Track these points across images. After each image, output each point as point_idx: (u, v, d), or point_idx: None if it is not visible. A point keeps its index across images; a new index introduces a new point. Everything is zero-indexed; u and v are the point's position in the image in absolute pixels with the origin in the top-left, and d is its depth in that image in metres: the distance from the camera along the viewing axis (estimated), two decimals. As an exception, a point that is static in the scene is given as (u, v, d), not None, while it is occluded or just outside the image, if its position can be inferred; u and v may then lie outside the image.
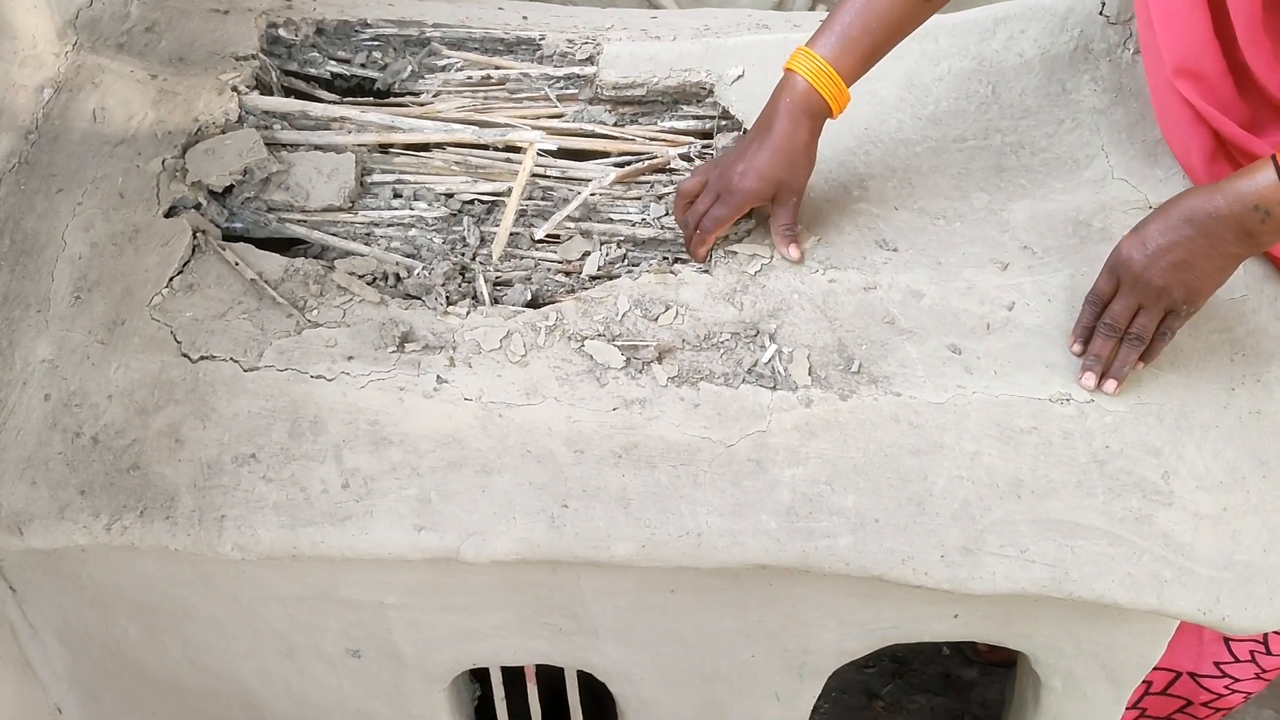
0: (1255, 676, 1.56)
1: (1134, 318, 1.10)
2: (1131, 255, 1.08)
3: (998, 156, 1.30)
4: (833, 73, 1.17)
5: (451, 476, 1.11)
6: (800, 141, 1.18)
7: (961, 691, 1.89)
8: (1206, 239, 1.03)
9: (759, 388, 1.15)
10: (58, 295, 1.19)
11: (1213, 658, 1.54)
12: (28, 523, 1.10)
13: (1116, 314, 1.11)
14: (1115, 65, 1.31)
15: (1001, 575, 1.10)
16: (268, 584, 1.19)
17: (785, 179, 1.20)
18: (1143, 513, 1.11)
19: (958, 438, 1.13)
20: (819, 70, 1.17)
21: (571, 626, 1.25)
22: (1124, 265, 1.09)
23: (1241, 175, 1.01)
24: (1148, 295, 1.08)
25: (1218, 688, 1.58)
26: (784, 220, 1.23)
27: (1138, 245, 1.08)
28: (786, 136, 1.18)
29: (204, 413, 1.13)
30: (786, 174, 1.19)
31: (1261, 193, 0.99)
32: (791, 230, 1.23)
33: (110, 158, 1.28)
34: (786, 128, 1.18)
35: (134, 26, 1.42)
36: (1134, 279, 1.09)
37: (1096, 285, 1.13)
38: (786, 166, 1.19)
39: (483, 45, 1.58)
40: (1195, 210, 1.03)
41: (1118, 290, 1.11)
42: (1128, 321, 1.10)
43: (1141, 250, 1.08)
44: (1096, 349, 1.12)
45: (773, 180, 1.19)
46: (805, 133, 1.19)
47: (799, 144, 1.19)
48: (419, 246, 1.30)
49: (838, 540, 1.10)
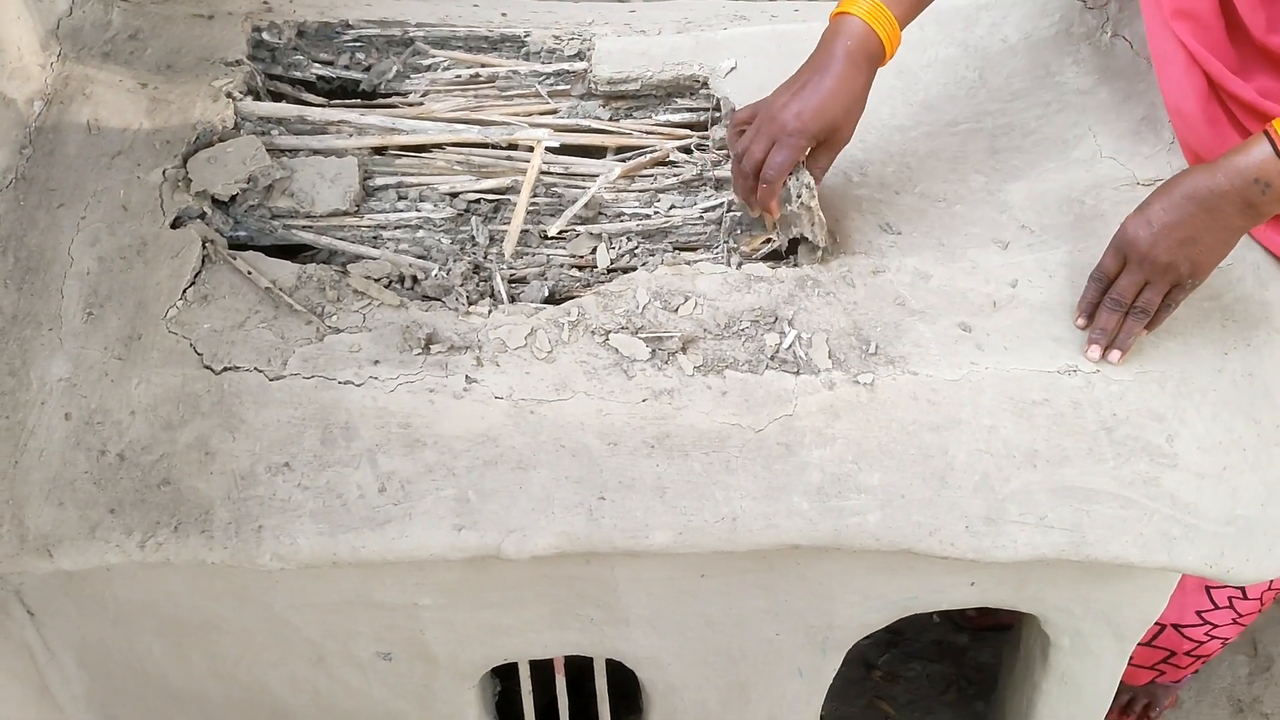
0: (1232, 622, 1.64)
1: (1140, 292, 1.15)
2: (1138, 234, 1.13)
3: (990, 139, 1.35)
4: (889, 13, 1.16)
5: (488, 475, 1.12)
6: (859, 86, 1.16)
7: (955, 657, 1.95)
8: (1209, 215, 1.08)
9: (783, 373, 1.17)
10: (69, 312, 1.17)
11: (1194, 607, 1.61)
12: (57, 544, 1.08)
13: (1123, 289, 1.15)
14: (1096, 48, 1.36)
15: (1023, 542, 1.15)
16: (301, 592, 1.19)
17: (840, 124, 1.17)
18: (1150, 475, 1.16)
19: (974, 412, 1.17)
20: (875, 10, 1.15)
21: (603, 616, 1.26)
22: (1130, 243, 1.14)
23: (1239, 151, 1.06)
24: (1154, 271, 1.13)
25: (1199, 635, 1.66)
26: (823, 165, 1.21)
27: (1143, 224, 1.13)
28: (845, 80, 1.15)
29: (232, 424, 1.12)
30: (842, 119, 1.16)
31: (1261, 166, 1.04)
32: (823, 174, 1.22)
33: (109, 170, 1.26)
34: (845, 71, 1.15)
35: (117, 35, 1.39)
36: (1141, 256, 1.13)
37: (1103, 263, 1.18)
38: (844, 111, 1.16)
39: (467, 43, 1.58)
40: (1198, 188, 1.08)
41: (1124, 267, 1.15)
42: (1134, 296, 1.15)
43: (1147, 229, 1.12)
44: (1103, 323, 1.17)
45: (829, 124, 1.16)
46: (864, 77, 1.17)
47: (857, 88, 1.16)
48: (429, 248, 1.30)
49: (867, 517, 1.13)
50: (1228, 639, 1.68)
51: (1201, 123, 1.24)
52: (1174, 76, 1.25)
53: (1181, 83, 1.24)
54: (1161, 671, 1.76)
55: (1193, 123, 1.25)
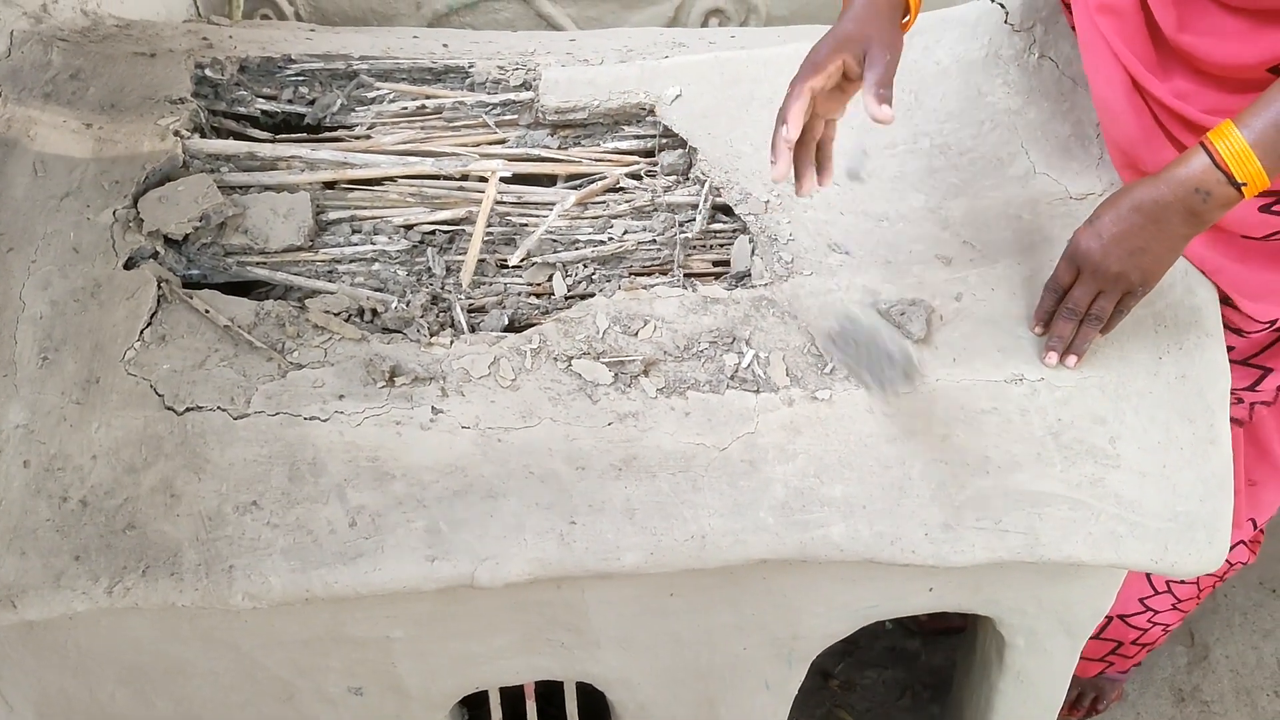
0: (1172, 608, 1.70)
1: (1094, 300, 1.20)
2: (1090, 246, 1.18)
3: (927, 158, 1.40)
4: None
5: (458, 504, 1.13)
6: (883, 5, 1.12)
7: (908, 662, 2.00)
8: (1156, 225, 1.13)
9: (743, 392, 1.20)
10: (23, 358, 1.15)
11: (1137, 595, 1.68)
12: (21, 595, 1.06)
13: (1078, 299, 1.20)
14: (1023, 69, 1.42)
15: (980, 546, 1.19)
16: (271, 631, 1.18)
17: (873, 34, 1.10)
18: (1096, 476, 1.22)
19: (928, 423, 1.21)
20: None
21: (573, 640, 1.28)
22: (1083, 255, 1.19)
23: (1179, 164, 1.12)
24: (1106, 280, 1.18)
25: (1142, 623, 1.72)
26: (875, 77, 1.08)
27: (1093, 236, 1.18)
28: (866, 5, 1.12)
29: (197, 465, 1.11)
30: (874, 29, 1.10)
31: (1200, 176, 1.09)
32: (884, 90, 1.08)
33: (57, 212, 1.24)
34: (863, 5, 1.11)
35: (58, 75, 1.37)
36: (1094, 267, 1.18)
37: (1057, 274, 1.22)
38: (874, 20, 1.11)
39: (411, 75, 1.58)
40: (1143, 200, 1.13)
41: (1077, 277, 1.20)
42: (1088, 305, 1.20)
43: (1098, 240, 1.17)
44: (1059, 330, 1.22)
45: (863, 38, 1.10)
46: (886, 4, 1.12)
47: (881, 6, 1.12)
48: (385, 280, 1.31)
49: (831, 529, 1.17)
50: (1169, 625, 1.74)
51: (1127, 114, 1.29)
52: (1099, 68, 1.30)
53: (1108, 75, 1.29)
54: (1110, 663, 1.82)
55: (1116, 115, 1.30)
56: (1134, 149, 1.31)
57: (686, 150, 1.44)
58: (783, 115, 1.10)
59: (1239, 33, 1.18)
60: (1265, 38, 1.16)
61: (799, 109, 1.09)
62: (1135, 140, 1.30)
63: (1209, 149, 1.08)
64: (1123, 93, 1.29)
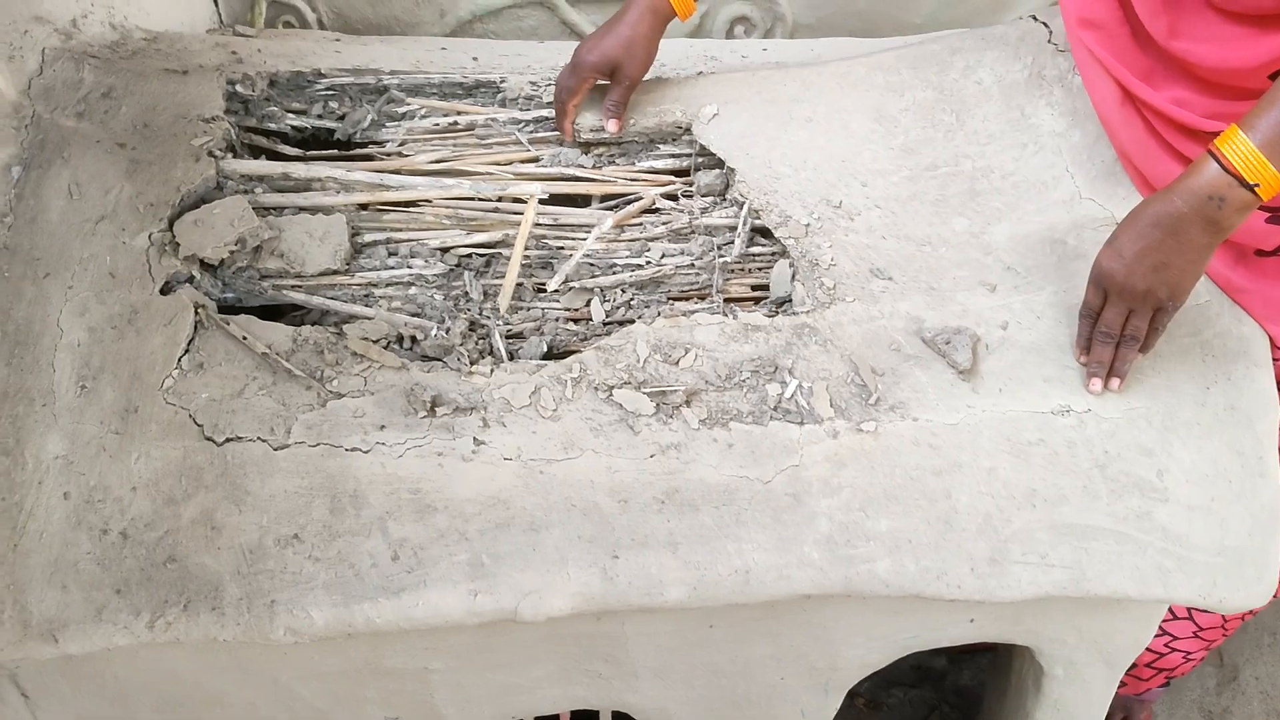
0: (1193, 635, 1.69)
1: (1126, 321, 1.19)
2: (1112, 267, 1.17)
3: (970, 181, 1.38)
4: None
5: (501, 537, 1.11)
6: (641, 32, 1.38)
7: (934, 681, 1.98)
8: (1175, 238, 1.12)
9: (787, 423, 1.19)
10: (61, 386, 1.14)
11: None
12: (62, 629, 1.05)
13: (1110, 321, 1.19)
14: (1067, 90, 1.40)
15: (1026, 581, 1.17)
16: (309, 662, 1.17)
17: (623, 61, 1.39)
18: (1143, 510, 1.20)
19: (974, 455, 1.19)
20: None
21: (611, 670, 1.26)
22: (1106, 277, 1.18)
23: (1190, 174, 1.10)
24: (1135, 299, 1.17)
25: (1159, 646, 1.70)
26: (614, 98, 1.42)
27: (1114, 257, 1.17)
28: (630, 26, 1.38)
29: (238, 497, 1.10)
30: (624, 57, 1.38)
31: (1212, 184, 1.08)
32: (617, 108, 1.42)
33: (93, 236, 1.23)
34: (632, 18, 1.38)
35: (90, 93, 1.36)
36: (1119, 288, 1.17)
37: (1086, 299, 1.22)
38: (625, 50, 1.38)
39: (441, 90, 1.57)
40: (1159, 214, 1.12)
41: (1106, 300, 1.19)
42: (1121, 326, 1.19)
43: (1119, 261, 1.16)
44: (1098, 356, 1.21)
45: (612, 60, 1.38)
46: (646, 26, 1.38)
47: (639, 34, 1.38)
48: (422, 305, 1.29)
49: (876, 564, 1.15)
50: (1190, 653, 1.72)
51: (1119, 125, 1.31)
52: (1092, 80, 1.32)
53: (1098, 86, 1.31)
54: (1124, 683, 1.80)
55: (1112, 125, 1.32)
56: (1130, 160, 1.32)
57: (724, 170, 1.42)
58: (560, 129, 1.46)
59: (1237, 38, 1.17)
60: (1265, 42, 1.15)
61: (569, 126, 1.45)
62: (1130, 151, 1.31)
63: (1217, 156, 1.08)
64: (1115, 105, 1.30)
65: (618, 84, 1.41)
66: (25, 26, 1.31)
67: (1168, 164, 1.29)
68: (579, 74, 1.39)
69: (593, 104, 1.46)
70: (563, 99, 1.41)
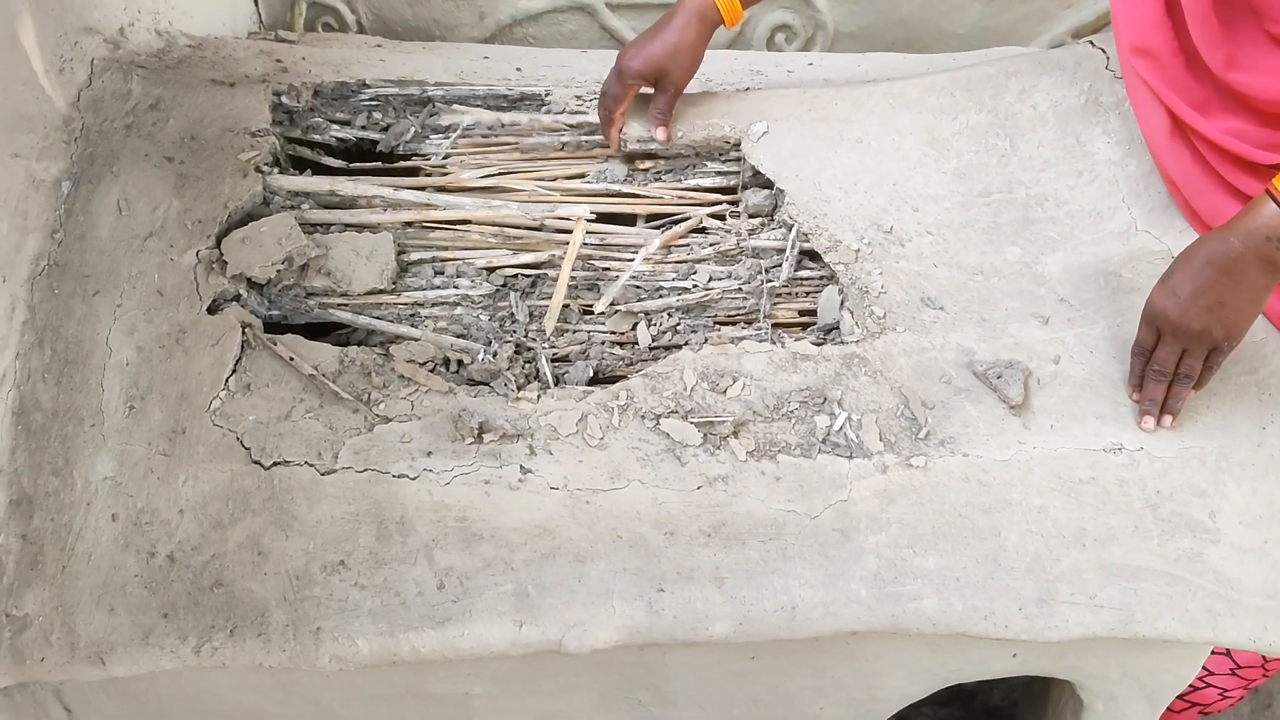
0: (1230, 672, 1.66)
1: (1180, 360, 1.17)
2: (1166, 306, 1.15)
3: (1024, 209, 1.36)
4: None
5: (546, 568, 1.11)
6: (687, 39, 1.35)
7: (965, 700, 1.97)
8: (1231, 278, 1.10)
9: (835, 456, 1.18)
10: (110, 406, 1.14)
11: None
12: (109, 652, 1.06)
13: (1164, 361, 1.18)
14: (1124, 118, 1.38)
15: (1074, 622, 1.16)
16: (352, 687, 1.17)
17: (668, 68, 1.36)
18: (1194, 551, 1.18)
19: (1024, 493, 1.18)
20: None
21: (651, 699, 1.26)
22: (1161, 317, 1.16)
23: (1247, 214, 1.09)
24: (1189, 339, 1.16)
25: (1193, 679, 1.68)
26: (659, 106, 1.40)
27: (1169, 296, 1.15)
28: (677, 32, 1.35)
29: (285, 522, 1.10)
30: (670, 63, 1.36)
31: (1271, 225, 1.07)
32: (664, 116, 1.41)
33: (141, 253, 1.23)
34: (679, 24, 1.35)
35: (138, 105, 1.35)
36: (1173, 328, 1.16)
37: (1139, 338, 1.20)
38: (670, 56, 1.35)
39: (486, 102, 1.56)
40: (1215, 254, 1.10)
41: (1159, 339, 1.17)
42: (1174, 365, 1.18)
43: (1174, 300, 1.14)
44: (1150, 394, 1.19)
45: (656, 66, 1.35)
46: (693, 33, 1.35)
47: (685, 40, 1.35)
48: (468, 325, 1.28)
49: (924, 602, 1.14)
50: (1227, 690, 1.70)
51: (1168, 157, 1.29)
52: (1143, 110, 1.31)
53: (1149, 116, 1.30)
54: None
55: (1161, 157, 1.30)
56: (1180, 192, 1.30)
57: (773, 191, 1.41)
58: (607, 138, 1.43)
59: None
60: None
61: (615, 135, 1.42)
62: (1179, 183, 1.29)
63: (1276, 196, 1.06)
64: (1164, 136, 1.28)
65: (663, 91, 1.39)
66: (75, 38, 1.30)
67: (1218, 197, 1.27)
68: (623, 81, 1.36)
69: (639, 113, 1.45)
70: (608, 107, 1.39)
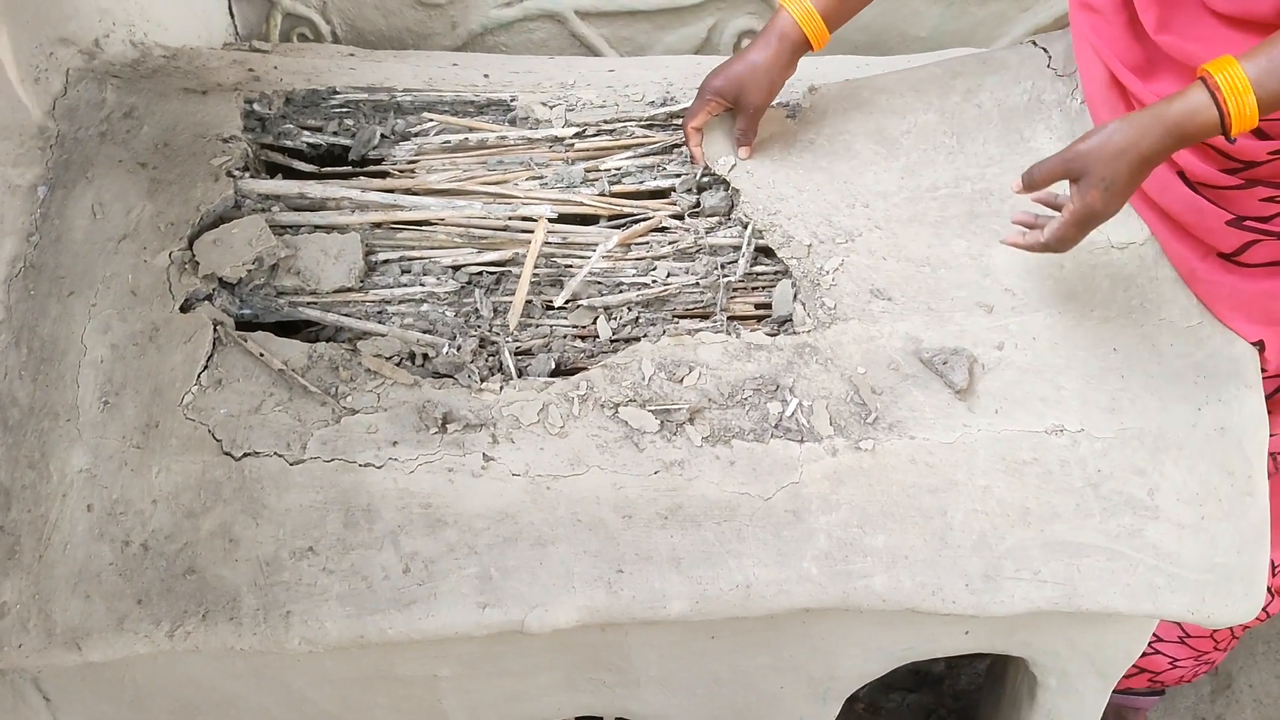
0: (1179, 640, 1.71)
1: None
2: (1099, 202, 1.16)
3: (970, 204, 1.41)
4: (815, 14, 1.36)
5: (509, 552, 1.15)
6: (767, 59, 1.37)
7: (933, 685, 2.02)
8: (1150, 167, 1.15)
9: (788, 441, 1.22)
10: (85, 402, 1.17)
11: None
12: (85, 637, 1.09)
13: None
14: (1066, 114, 1.43)
15: (1019, 597, 1.21)
16: (322, 670, 1.21)
17: (748, 88, 1.38)
18: (1134, 527, 1.23)
19: (969, 474, 1.23)
20: (804, 12, 1.36)
21: (615, 679, 1.30)
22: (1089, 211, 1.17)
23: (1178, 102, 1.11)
24: (1093, 221, 1.18)
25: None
26: (739, 126, 1.43)
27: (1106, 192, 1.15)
28: (758, 51, 1.37)
29: (255, 510, 1.14)
30: (750, 84, 1.37)
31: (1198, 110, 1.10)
32: (744, 136, 1.43)
33: (116, 254, 1.27)
34: (762, 44, 1.37)
35: (112, 113, 1.39)
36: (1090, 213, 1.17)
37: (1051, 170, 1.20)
38: (750, 77, 1.37)
39: (454, 108, 1.60)
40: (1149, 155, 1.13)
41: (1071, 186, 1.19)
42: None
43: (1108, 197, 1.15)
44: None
45: (736, 85, 1.38)
46: (774, 55, 1.37)
47: (765, 60, 1.37)
48: (434, 321, 1.33)
49: (873, 580, 1.19)
50: (1177, 659, 1.74)
51: (1104, 109, 1.34)
52: (1085, 62, 1.36)
53: (1089, 72, 1.35)
54: None
55: (1097, 108, 1.36)
56: None
57: (729, 191, 1.45)
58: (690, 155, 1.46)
59: (1227, 40, 1.18)
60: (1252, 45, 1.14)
61: (695, 151, 1.45)
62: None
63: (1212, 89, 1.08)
64: (1101, 89, 1.33)
65: (742, 111, 1.40)
66: (51, 49, 1.35)
67: None
68: (701, 97, 1.40)
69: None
70: (685, 121, 1.43)
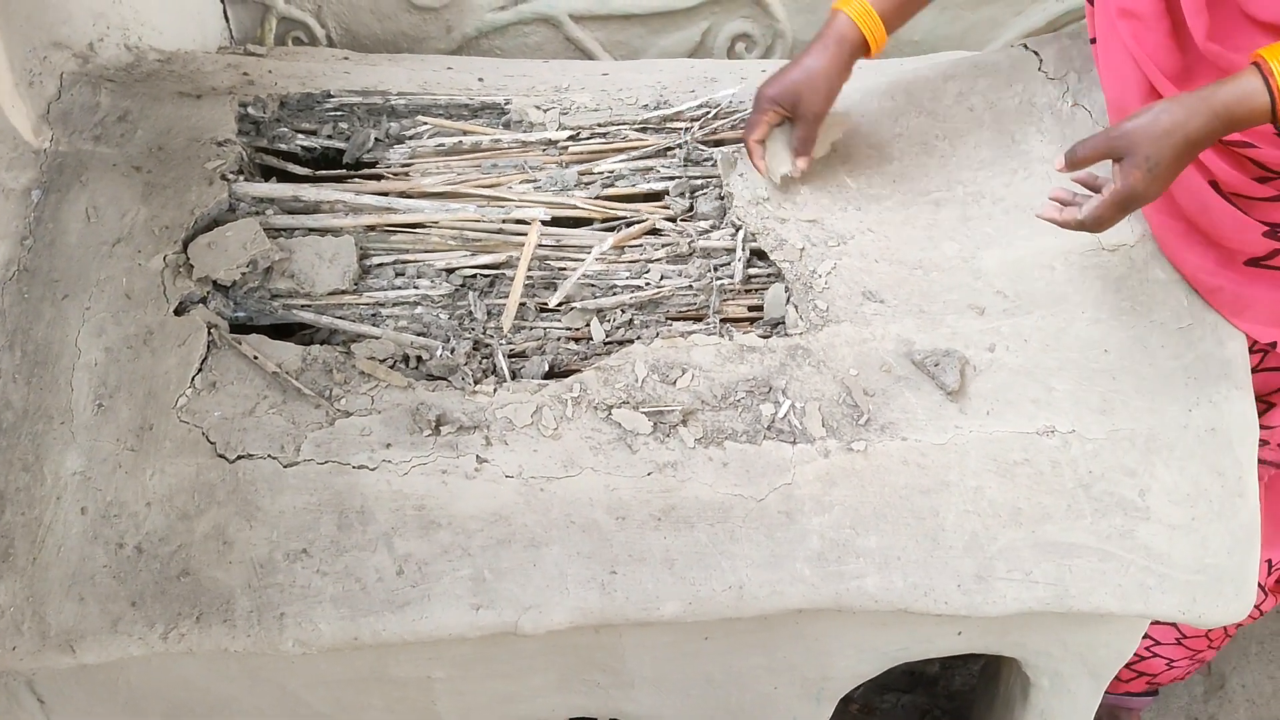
0: (1176, 642, 1.72)
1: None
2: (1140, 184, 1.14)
3: (962, 207, 1.41)
4: (874, 14, 1.32)
5: (502, 553, 1.15)
6: (824, 64, 1.33)
7: (927, 686, 2.02)
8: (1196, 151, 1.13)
9: (780, 442, 1.23)
10: (79, 405, 1.18)
11: None
12: (79, 640, 1.09)
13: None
14: (1057, 117, 1.44)
15: (1011, 597, 1.21)
16: (316, 671, 1.21)
17: (805, 95, 1.34)
18: (1125, 528, 1.24)
19: (961, 475, 1.23)
20: (863, 11, 1.32)
21: (609, 680, 1.30)
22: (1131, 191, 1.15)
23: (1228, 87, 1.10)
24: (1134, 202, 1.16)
25: (1141, 649, 1.73)
26: (798, 135, 1.38)
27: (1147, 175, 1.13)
28: (815, 57, 1.34)
29: (249, 512, 1.14)
30: (806, 91, 1.34)
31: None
32: (803, 146, 1.38)
33: (110, 258, 1.27)
34: (817, 49, 1.34)
35: (106, 117, 1.40)
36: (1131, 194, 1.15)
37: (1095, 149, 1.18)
38: (806, 84, 1.34)
39: (448, 111, 1.61)
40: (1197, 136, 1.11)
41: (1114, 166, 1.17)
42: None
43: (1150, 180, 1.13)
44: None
45: (792, 93, 1.35)
46: (832, 59, 1.33)
47: (822, 66, 1.33)
48: (428, 324, 1.33)
49: (866, 580, 1.19)
50: (1173, 660, 1.75)
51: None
52: (1117, 71, 1.31)
53: (1124, 78, 1.30)
54: None
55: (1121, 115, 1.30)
56: None
57: (723, 194, 1.46)
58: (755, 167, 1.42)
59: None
60: None
61: (758, 164, 1.41)
62: None
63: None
64: (1138, 98, 1.30)
65: (800, 119, 1.37)
66: (45, 53, 1.35)
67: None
68: (758, 107, 1.38)
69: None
70: (745, 135, 1.41)
